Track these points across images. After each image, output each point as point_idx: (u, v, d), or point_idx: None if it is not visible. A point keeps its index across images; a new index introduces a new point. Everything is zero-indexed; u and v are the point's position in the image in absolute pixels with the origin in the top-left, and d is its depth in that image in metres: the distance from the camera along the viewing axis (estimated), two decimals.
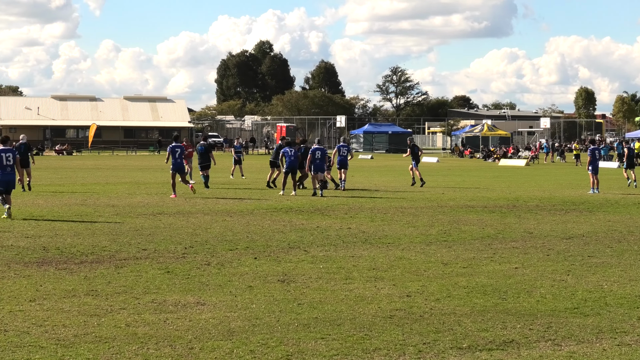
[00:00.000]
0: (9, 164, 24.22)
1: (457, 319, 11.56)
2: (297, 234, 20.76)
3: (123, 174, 50.33)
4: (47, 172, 53.45)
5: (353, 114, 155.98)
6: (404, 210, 27.11)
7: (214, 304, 12.50)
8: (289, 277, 14.82)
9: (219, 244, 18.85)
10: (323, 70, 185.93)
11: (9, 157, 24.22)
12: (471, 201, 30.71)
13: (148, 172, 51.75)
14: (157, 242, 19.03)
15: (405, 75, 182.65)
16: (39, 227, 21.73)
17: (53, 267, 15.68)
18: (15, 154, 24.69)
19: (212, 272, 15.22)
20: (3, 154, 24.18)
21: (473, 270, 15.72)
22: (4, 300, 12.59)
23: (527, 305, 12.53)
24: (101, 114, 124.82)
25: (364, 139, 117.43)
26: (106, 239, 19.59)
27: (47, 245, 18.35)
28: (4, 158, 24.14)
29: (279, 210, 26.54)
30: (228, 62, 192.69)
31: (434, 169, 62.95)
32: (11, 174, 24.29)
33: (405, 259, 17.03)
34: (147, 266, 15.81)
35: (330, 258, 17.01)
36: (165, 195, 31.87)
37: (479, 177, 50.47)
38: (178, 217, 24.38)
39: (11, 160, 24.28)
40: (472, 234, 21.11)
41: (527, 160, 77.28)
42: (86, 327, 10.94)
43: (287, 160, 33.17)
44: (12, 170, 24.33)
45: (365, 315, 11.76)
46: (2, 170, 24.09)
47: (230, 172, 47.07)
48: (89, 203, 28.80)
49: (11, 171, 24.30)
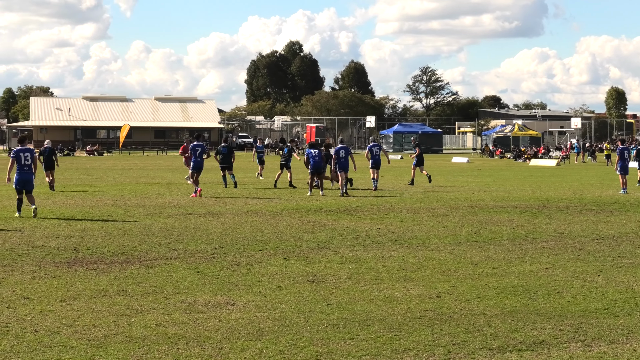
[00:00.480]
0: (27, 164, 24.50)
1: (487, 320, 11.52)
2: (327, 234, 20.75)
3: (153, 175, 50.50)
4: (78, 172, 53.73)
5: (383, 114, 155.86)
6: (433, 210, 27.05)
7: (244, 304, 12.51)
8: (319, 277, 14.82)
9: (248, 244, 18.87)
10: (353, 70, 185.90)
11: (27, 157, 24.52)
12: (501, 201, 30.60)
13: (178, 172, 51.85)
14: (187, 242, 19.08)
15: (435, 75, 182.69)
16: (69, 227, 21.83)
17: (84, 267, 15.75)
18: (33, 153, 25.00)
19: (241, 273, 15.24)
20: (21, 153, 24.49)
21: (503, 270, 15.66)
22: (34, 301, 12.66)
23: (558, 306, 12.47)
24: (132, 114, 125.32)
25: (394, 139, 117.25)
26: (137, 239, 19.66)
27: (77, 246, 18.43)
28: (22, 158, 24.44)
29: (308, 211, 26.54)
30: (258, 62, 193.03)
31: (464, 169, 62.79)
32: (29, 174, 24.55)
33: (435, 259, 16.99)
34: (177, 266, 15.86)
35: (359, 258, 17.00)
36: (198, 198, 31.89)
37: (509, 178, 50.28)
38: (208, 218, 24.43)
39: (29, 160, 24.54)
40: (502, 235, 21.04)
41: (558, 161, 76.91)
42: (116, 327, 10.98)
43: (312, 161, 33.33)
44: (29, 170, 24.59)
45: (395, 316, 11.74)
46: (20, 170, 24.35)
47: (258, 172, 47.14)
48: (119, 203, 28.91)
49: (29, 171, 24.57)
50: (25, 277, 14.66)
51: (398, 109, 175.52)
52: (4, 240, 19.10)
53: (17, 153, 24.48)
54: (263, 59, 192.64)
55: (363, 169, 42.93)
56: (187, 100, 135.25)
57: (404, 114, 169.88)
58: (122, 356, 9.69)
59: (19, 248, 17.98)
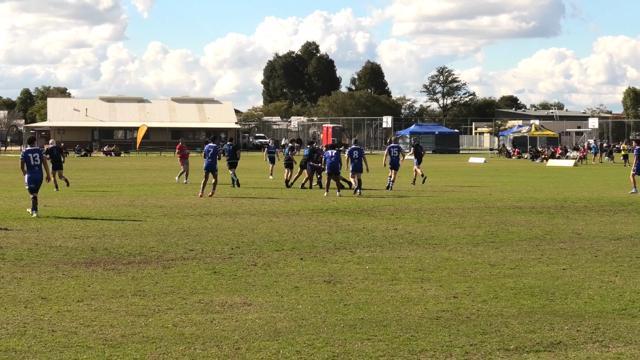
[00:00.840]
0: (36, 164, 25.12)
1: (504, 321, 11.50)
2: (343, 235, 20.75)
3: (170, 175, 50.55)
4: (95, 173, 53.87)
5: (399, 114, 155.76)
6: (450, 211, 27.01)
7: (261, 304, 12.52)
8: (335, 277, 14.82)
9: (265, 245, 18.88)
10: (369, 70, 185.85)
11: (36, 157, 25.22)
12: (519, 202, 30.54)
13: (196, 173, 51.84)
14: (204, 243, 19.10)
15: (452, 76, 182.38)
16: (87, 227, 21.89)
17: (101, 267, 15.79)
18: (42, 153, 25.63)
19: (258, 273, 15.25)
20: (30, 154, 25.13)
21: (520, 271, 15.63)
22: (52, 301, 12.69)
23: (575, 307, 12.44)
24: (149, 115, 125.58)
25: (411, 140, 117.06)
26: (154, 239, 19.69)
27: (95, 246, 18.48)
28: (31, 158, 25.09)
29: (325, 211, 26.54)
30: (274, 63, 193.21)
31: (481, 170, 62.68)
32: (39, 173, 25.18)
33: (452, 260, 16.97)
34: (194, 266, 15.88)
35: (376, 259, 16.99)
36: (213, 196, 31.96)
37: (526, 178, 50.17)
38: (225, 218, 24.45)
39: (38, 160, 25.21)
40: (519, 235, 20.99)
41: (575, 161, 76.71)
42: (134, 327, 11.01)
43: (328, 161, 33.41)
44: (39, 169, 25.19)
45: (412, 317, 11.73)
46: (30, 170, 24.92)
47: (269, 172, 47.46)
48: (137, 204, 28.97)
49: (39, 170, 25.18)
50: (43, 277, 14.71)
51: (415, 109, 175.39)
52: (22, 241, 19.17)
53: (26, 154, 25.07)
54: (280, 60, 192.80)
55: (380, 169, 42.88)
56: (204, 100, 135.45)
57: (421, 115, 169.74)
58: (140, 356, 9.71)
59: (36, 248, 18.04)
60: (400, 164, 38.39)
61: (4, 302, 12.61)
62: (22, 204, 27.96)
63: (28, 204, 25.25)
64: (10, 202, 29.17)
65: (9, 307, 12.20)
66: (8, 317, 11.57)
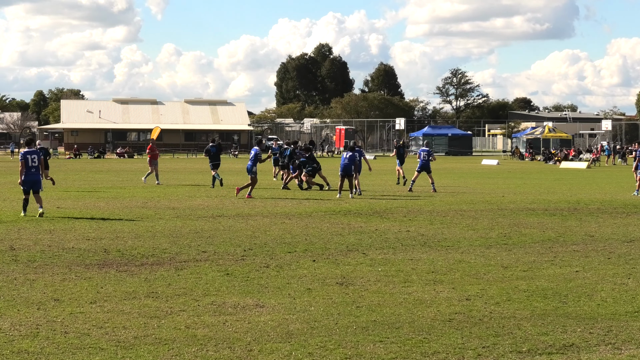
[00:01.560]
0: (34, 165, 25.22)
1: (517, 323, 11.48)
2: (356, 237, 20.74)
3: (184, 177, 50.66)
4: (109, 175, 53.98)
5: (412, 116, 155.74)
6: (463, 213, 26.98)
7: (273, 306, 12.52)
8: (348, 279, 14.81)
9: (277, 247, 18.89)
10: (382, 72, 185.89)
11: (34, 159, 25.34)
12: (532, 204, 30.48)
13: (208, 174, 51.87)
14: (216, 245, 19.12)
15: (466, 78, 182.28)
16: (100, 229, 21.93)
17: (114, 269, 15.81)
18: (40, 155, 25.78)
19: (270, 275, 15.26)
20: (29, 155, 25.28)
21: (533, 273, 15.60)
22: (65, 302, 12.71)
23: (588, 309, 12.41)
24: (162, 117, 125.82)
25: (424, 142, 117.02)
26: (166, 241, 19.72)
27: (108, 248, 18.51)
28: (29, 160, 25.22)
29: (337, 213, 26.53)
30: (288, 65, 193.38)
31: (494, 172, 62.58)
32: (36, 175, 25.28)
33: (464, 262, 16.95)
34: (207, 268, 15.89)
35: (388, 261, 16.98)
36: (225, 198, 32.02)
37: (539, 180, 50.08)
38: (237, 220, 24.47)
39: (36, 161, 25.31)
40: (532, 237, 20.96)
41: (589, 163, 76.56)
42: (146, 329, 11.02)
43: (342, 163, 33.44)
44: (37, 171, 25.30)
45: (424, 319, 11.71)
46: (27, 171, 25.05)
47: (273, 174, 47.66)
48: (149, 205, 29.01)
49: (36, 172, 25.28)
50: (56, 279, 14.74)
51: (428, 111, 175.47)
52: (35, 242, 19.22)
53: (25, 155, 25.22)
54: (293, 62, 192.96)
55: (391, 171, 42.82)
56: (217, 102, 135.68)
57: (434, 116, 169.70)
58: (152, 358, 9.72)
59: (49, 250, 18.08)
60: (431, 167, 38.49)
61: (17, 303, 12.64)
62: (34, 205, 28.01)
63: (45, 206, 25.27)
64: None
65: (21, 309, 12.23)
66: (21, 319, 11.60)
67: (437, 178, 45.10)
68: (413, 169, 39.38)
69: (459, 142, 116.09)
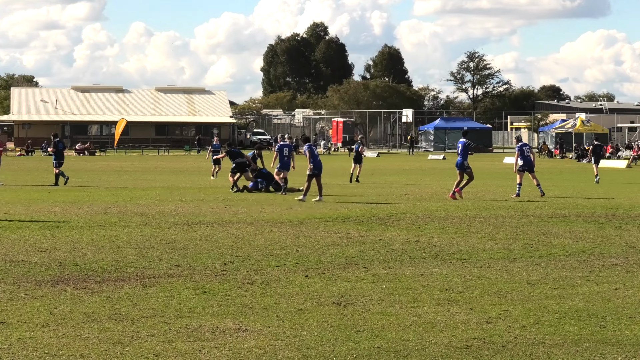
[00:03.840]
0: None
1: (547, 350, 11.43)
2: (356, 248, 20.71)
3: (154, 177, 50.67)
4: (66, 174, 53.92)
5: (422, 107, 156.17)
6: (482, 220, 26.97)
7: (258, 330, 12.47)
8: (346, 298, 14.77)
9: (264, 260, 18.85)
10: (387, 56, 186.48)
11: None
12: (563, 209, 30.50)
13: (183, 175, 52.05)
14: (192, 257, 19.07)
15: (484, 62, 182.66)
16: (54, 239, 21.88)
17: (70, 286, 15.75)
18: None
19: (255, 293, 15.21)
20: None
21: (565, 291, 15.57)
22: (12, 325, 12.65)
23: (630, 334, 12.38)
24: (129, 107, 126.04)
25: (435, 136, 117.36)
26: (133, 253, 19.67)
27: (63, 261, 18.45)
28: None
29: (334, 220, 26.52)
30: (276, 47, 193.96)
31: None
32: None
33: (484, 278, 16.91)
34: (180, 285, 15.84)
35: (394, 277, 16.94)
36: (203, 203, 32.02)
37: (571, 181, 50.18)
38: (217, 228, 24.45)
39: None
40: (564, 249, 20.94)
41: (629, 161, 76.70)
42: (108, 357, 10.97)
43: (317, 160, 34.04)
44: None
45: (437, 345, 11.67)
46: None
47: (211, 172, 49.43)
48: (113, 211, 28.99)
49: None
50: (2, 297, 14.69)
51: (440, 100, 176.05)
52: None
53: None
54: (282, 44, 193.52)
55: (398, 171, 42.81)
56: (193, 91, 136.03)
57: (447, 107, 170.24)
58: None
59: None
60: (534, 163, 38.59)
61: None
62: None
63: None
64: None
65: None
66: None
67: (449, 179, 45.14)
68: (503, 169, 39.38)
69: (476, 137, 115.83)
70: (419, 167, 40.70)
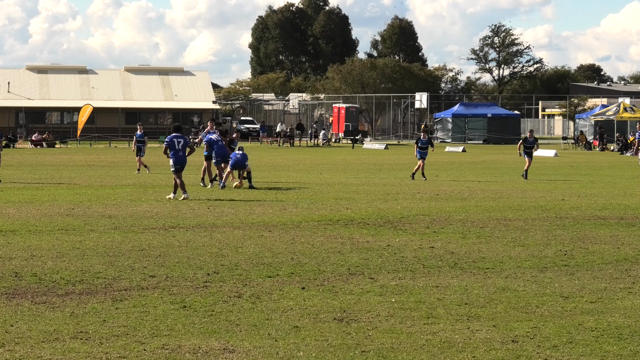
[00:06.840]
0: None
1: None
2: (361, 255, 20.78)
3: (124, 174, 50.65)
4: (21, 170, 53.89)
5: (438, 90, 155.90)
6: (508, 223, 27.00)
7: (247, 350, 12.55)
8: (349, 314, 14.85)
9: (253, 269, 18.91)
10: (397, 30, 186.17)
11: None
12: (602, 211, 30.52)
13: (158, 170, 51.96)
14: (169, 267, 19.14)
15: (511, 37, 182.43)
16: (9, 245, 21.93)
17: (28, 300, 15.81)
18: None
19: (244, 308, 15.29)
20: None
21: (604, 306, 15.64)
22: None
23: None
24: (94, 91, 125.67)
25: (453, 125, 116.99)
26: (100, 261, 19.72)
27: (20, 271, 18.50)
28: None
29: (335, 223, 26.55)
30: (267, 20, 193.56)
31: (550, 166, 62.71)
32: None
33: (509, 290, 16.98)
34: (156, 299, 15.91)
35: (405, 289, 17.01)
36: (182, 203, 32.02)
37: (613, 178, 50.13)
38: (198, 232, 24.48)
39: None
40: (603, 256, 20.99)
41: None
42: None
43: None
44: None
45: None
46: None
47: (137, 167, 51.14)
48: (77, 213, 29.00)
49: None
50: None
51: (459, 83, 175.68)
52: None
53: None
54: (274, 16, 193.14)
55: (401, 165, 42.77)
56: (169, 71, 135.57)
57: (468, 90, 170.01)
58: None
59: None
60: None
61: None
62: None
63: None
64: None
65: None
66: None
67: (470, 174, 45.14)
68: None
69: (502, 125, 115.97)
70: (435, 161, 40.62)
